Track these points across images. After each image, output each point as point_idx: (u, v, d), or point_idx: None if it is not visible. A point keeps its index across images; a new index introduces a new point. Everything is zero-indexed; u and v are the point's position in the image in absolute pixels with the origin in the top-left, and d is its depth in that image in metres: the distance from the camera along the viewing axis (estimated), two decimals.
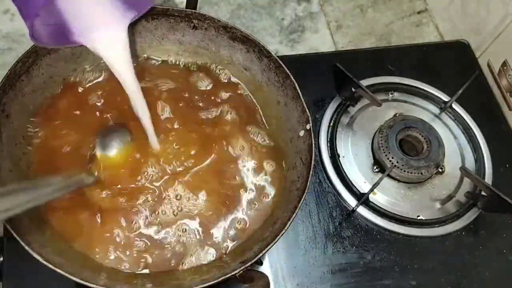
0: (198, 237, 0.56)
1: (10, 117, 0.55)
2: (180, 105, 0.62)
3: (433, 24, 0.96)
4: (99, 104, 0.61)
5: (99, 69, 0.63)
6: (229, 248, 0.56)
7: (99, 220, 0.54)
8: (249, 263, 0.49)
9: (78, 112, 0.60)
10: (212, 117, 0.62)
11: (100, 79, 0.63)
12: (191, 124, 0.61)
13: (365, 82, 0.78)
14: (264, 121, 0.64)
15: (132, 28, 0.63)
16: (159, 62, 0.66)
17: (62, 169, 0.56)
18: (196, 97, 0.63)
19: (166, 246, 0.55)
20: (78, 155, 0.57)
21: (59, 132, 0.59)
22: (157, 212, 0.56)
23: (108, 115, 0.60)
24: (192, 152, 0.59)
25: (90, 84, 0.63)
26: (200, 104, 0.63)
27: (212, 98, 0.64)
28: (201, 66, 0.66)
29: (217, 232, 0.56)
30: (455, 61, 0.86)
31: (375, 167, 0.73)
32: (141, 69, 0.64)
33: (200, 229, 0.56)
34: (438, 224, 0.70)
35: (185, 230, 0.56)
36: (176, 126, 0.60)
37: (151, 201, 0.56)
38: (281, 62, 0.60)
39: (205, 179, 0.58)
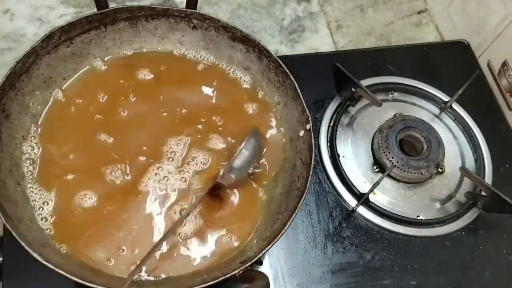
0: None
1: (10, 117, 0.55)
2: None
3: (433, 24, 0.96)
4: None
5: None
6: None
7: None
8: (249, 263, 0.49)
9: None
10: None
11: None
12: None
13: (365, 82, 0.78)
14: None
15: (133, 28, 0.63)
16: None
17: None
18: None
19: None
20: None
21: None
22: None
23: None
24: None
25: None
26: None
27: None
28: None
29: None
30: (455, 61, 0.86)
31: (375, 167, 0.73)
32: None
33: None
34: (438, 224, 0.70)
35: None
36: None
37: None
38: (281, 62, 0.60)
39: None
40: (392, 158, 0.71)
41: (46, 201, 0.54)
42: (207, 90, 0.64)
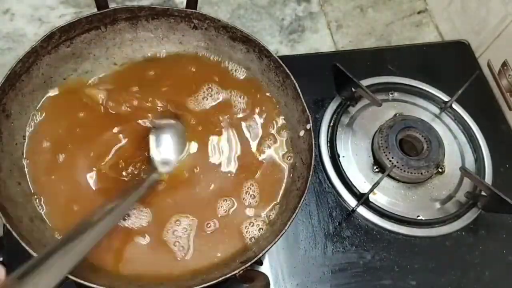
0: None
1: (10, 117, 0.55)
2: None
3: (433, 24, 0.96)
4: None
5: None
6: None
7: None
8: (249, 263, 0.49)
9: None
10: None
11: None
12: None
13: (365, 82, 0.78)
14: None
15: (133, 28, 0.63)
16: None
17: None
18: None
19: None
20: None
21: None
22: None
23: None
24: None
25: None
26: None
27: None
28: None
29: None
30: (455, 61, 0.86)
31: (375, 167, 0.73)
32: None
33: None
34: (438, 224, 0.70)
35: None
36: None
37: None
38: (281, 62, 0.60)
39: None
40: (392, 158, 0.71)
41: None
42: None
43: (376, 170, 0.73)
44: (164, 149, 0.58)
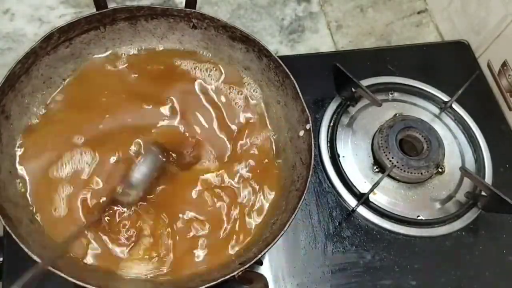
0: None
1: (9, 118, 0.55)
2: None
3: (433, 24, 0.96)
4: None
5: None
6: None
7: None
8: (248, 264, 0.49)
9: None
10: None
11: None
12: None
13: (365, 82, 0.78)
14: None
15: (132, 28, 0.63)
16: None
17: None
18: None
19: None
20: None
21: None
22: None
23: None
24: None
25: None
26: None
27: None
28: None
29: None
30: (455, 61, 0.86)
31: (375, 167, 0.73)
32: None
33: None
34: (438, 224, 0.70)
35: None
36: None
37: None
38: (281, 62, 0.60)
39: None
40: (392, 158, 0.71)
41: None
42: None
43: (376, 170, 0.73)
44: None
